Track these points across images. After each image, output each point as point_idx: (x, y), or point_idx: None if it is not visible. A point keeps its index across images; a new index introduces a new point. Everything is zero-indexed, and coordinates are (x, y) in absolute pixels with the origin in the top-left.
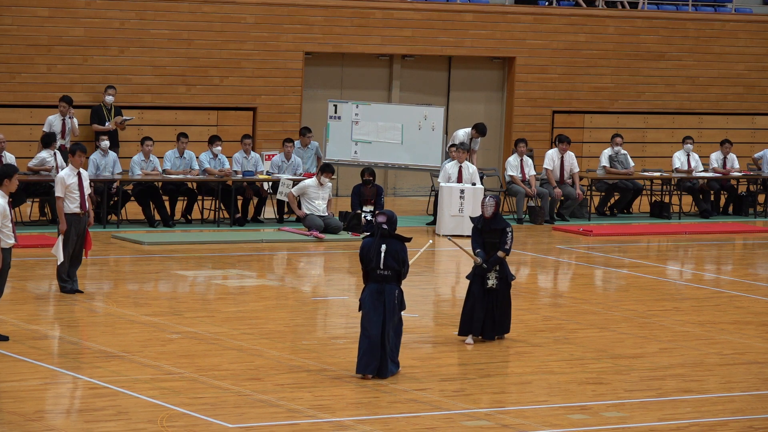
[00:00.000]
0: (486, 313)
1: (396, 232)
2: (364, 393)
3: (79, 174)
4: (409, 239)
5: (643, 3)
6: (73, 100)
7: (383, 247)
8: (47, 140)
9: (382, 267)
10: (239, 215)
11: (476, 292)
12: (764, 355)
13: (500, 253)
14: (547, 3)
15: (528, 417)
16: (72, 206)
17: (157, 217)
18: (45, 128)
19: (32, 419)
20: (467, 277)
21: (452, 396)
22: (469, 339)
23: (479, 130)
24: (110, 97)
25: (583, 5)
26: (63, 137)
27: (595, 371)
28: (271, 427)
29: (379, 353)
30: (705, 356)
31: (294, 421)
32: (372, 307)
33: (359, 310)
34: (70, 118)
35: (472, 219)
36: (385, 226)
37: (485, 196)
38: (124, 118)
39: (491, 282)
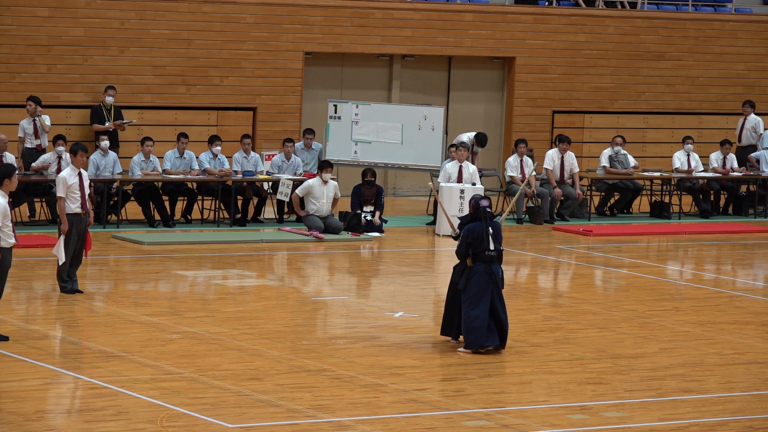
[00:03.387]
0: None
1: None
2: (364, 393)
3: (80, 174)
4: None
5: (643, 3)
6: (41, 100)
7: (490, 229)
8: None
9: (492, 248)
10: (239, 215)
11: (457, 292)
12: (764, 355)
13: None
14: (547, 3)
15: (528, 417)
16: (73, 206)
17: (157, 217)
18: (19, 133)
19: (32, 419)
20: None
21: (452, 396)
22: (455, 339)
23: (479, 141)
24: (110, 98)
25: (583, 5)
26: (37, 137)
27: (595, 371)
28: (271, 427)
29: (494, 327)
30: (705, 356)
31: (294, 421)
32: (483, 287)
33: (462, 291)
34: (38, 116)
35: (461, 219)
36: (489, 210)
37: (474, 195)
38: (124, 121)
39: None
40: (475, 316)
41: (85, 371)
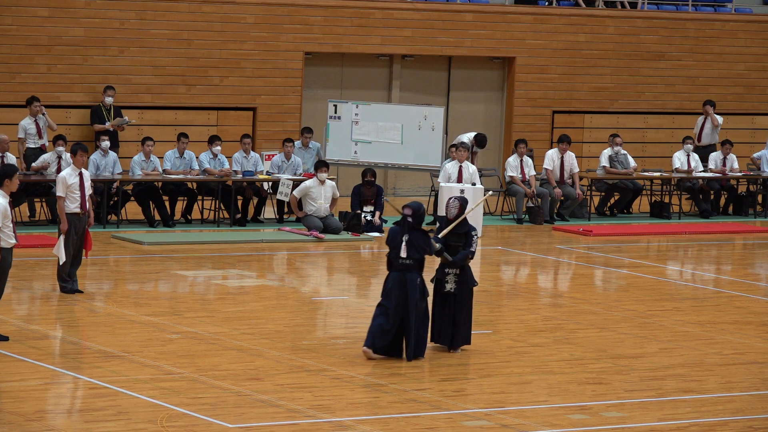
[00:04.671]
0: (444, 319)
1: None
2: (364, 393)
3: (80, 174)
4: (431, 230)
5: (643, 3)
6: (39, 99)
7: (405, 237)
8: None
9: (405, 256)
10: (239, 215)
11: (434, 297)
12: (764, 355)
13: (464, 254)
14: (547, 3)
15: (528, 417)
16: (72, 206)
17: (157, 217)
18: (19, 134)
19: (32, 419)
20: (431, 280)
21: (452, 396)
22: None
23: (479, 142)
24: (110, 98)
25: (583, 5)
26: (41, 137)
27: (595, 371)
28: (271, 427)
29: (391, 337)
30: (705, 356)
31: (294, 421)
32: (396, 296)
33: (381, 296)
34: (43, 114)
35: (438, 219)
36: (410, 219)
37: (450, 198)
38: (123, 121)
39: (449, 286)
40: (378, 323)
41: (85, 371)
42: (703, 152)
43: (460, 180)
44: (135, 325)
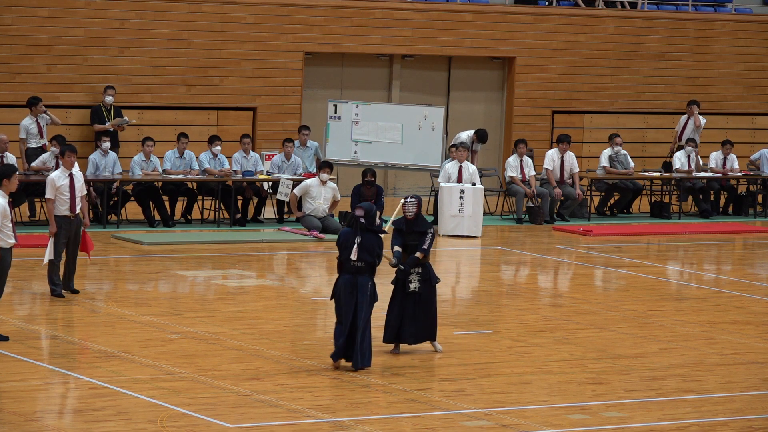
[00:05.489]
0: (406, 317)
1: (375, 226)
2: (364, 393)
3: (71, 176)
4: (384, 232)
5: (643, 3)
6: (41, 99)
7: (358, 239)
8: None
9: (356, 259)
10: (239, 215)
11: (397, 295)
12: (764, 355)
13: (418, 254)
14: (547, 3)
15: (528, 417)
16: (62, 208)
17: (157, 217)
18: (21, 134)
19: (32, 419)
20: (392, 282)
21: (452, 396)
22: (396, 348)
23: (480, 137)
24: (110, 97)
25: (583, 5)
26: (42, 137)
27: (595, 371)
28: (271, 427)
29: (351, 343)
30: (705, 356)
31: (294, 421)
32: (345, 299)
33: (331, 299)
34: (45, 113)
35: (394, 222)
36: (362, 220)
37: (406, 197)
38: (123, 121)
39: (413, 285)
40: (338, 330)
41: (85, 371)
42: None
43: (460, 180)
44: (135, 325)
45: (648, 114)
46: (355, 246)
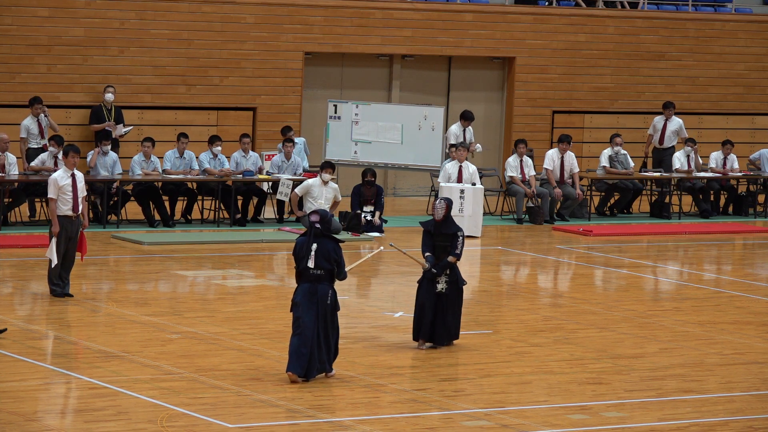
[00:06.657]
0: (436, 317)
1: (338, 232)
2: (364, 393)
3: (73, 176)
4: (342, 240)
5: (643, 3)
6: (42, 100)
7: (314, 246)
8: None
9: (313, 266)
10: (239, 215)
11: (425, 296)
12: (764, 355)
13: (451, 258)
14: (547, 3)
15: (528, 417)
16: (64, 208)
17: (157, 217)
18: (21, 134)
19: (32, 419)
20: (418, 281)
21: (452, 396)
22: (422, 344)
23: (466, 117)
24: (110, 95)
25: (583, 5)
26: (43, 137)
27: (595, 371)
28: (271, 427)
29: (307, 354)
30: (705, 356)
31: (294, 421)
32: (305, 308)
33: (291, 311)
34: (45, 115)
35: (422, 223)
36: (318, 225)
37: (437, 199)
38: (123, 129)
39: (441, 285)
40: (294, 343)
41: (85, 371)
42: (663, 154)
43: (460, 180)
44: (135, 325)
45: (648, 114)
46: (312, 253)
